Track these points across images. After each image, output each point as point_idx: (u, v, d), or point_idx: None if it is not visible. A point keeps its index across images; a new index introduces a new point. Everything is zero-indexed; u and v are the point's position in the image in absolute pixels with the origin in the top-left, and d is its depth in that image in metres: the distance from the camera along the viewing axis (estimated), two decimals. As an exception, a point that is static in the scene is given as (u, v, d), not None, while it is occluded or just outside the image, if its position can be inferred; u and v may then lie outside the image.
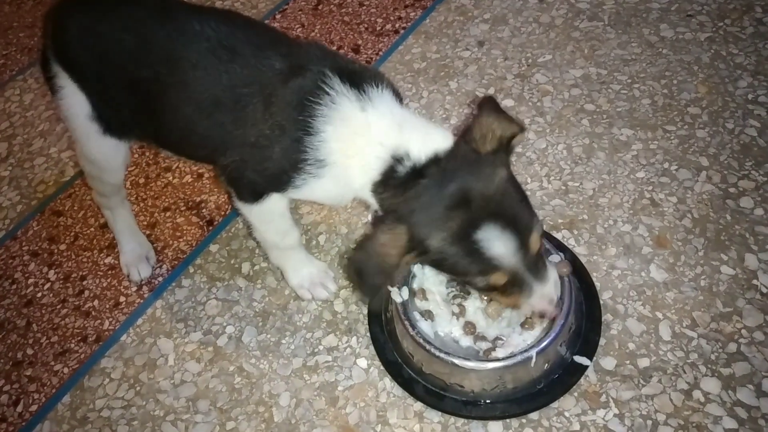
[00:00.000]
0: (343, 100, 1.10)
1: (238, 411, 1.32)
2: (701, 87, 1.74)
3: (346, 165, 1.12)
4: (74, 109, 1.28)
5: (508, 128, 1.07)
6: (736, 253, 1.41)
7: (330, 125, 1.10)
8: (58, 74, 1.26)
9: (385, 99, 1.12)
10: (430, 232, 1.03)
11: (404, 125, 1.10)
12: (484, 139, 1.06)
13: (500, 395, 1.23)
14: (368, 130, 1.10)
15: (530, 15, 2.03)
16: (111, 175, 1.42)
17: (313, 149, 1.11)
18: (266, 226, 1.33)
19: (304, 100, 1.10)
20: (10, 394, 1.41)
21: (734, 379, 1.24)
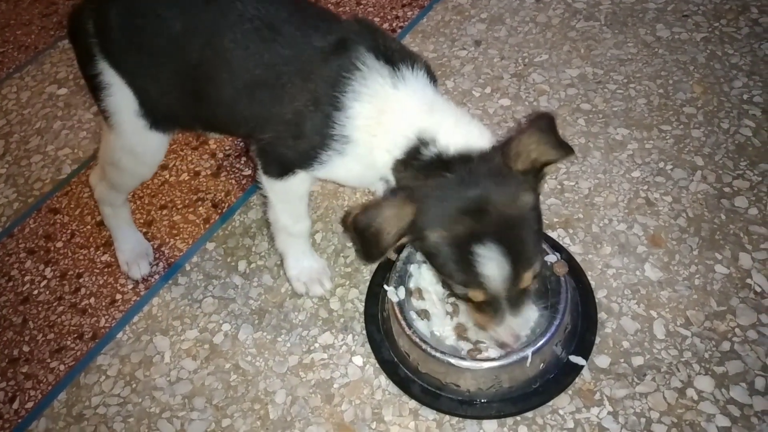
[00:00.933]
0: (375, 76, 1.11)
1: (234, 408, 1.32)
2: (697, 87, 1.75)
3: (370, 143, 1.12)
4: (122, 106, 1.28)
5: (546, 153, 1.03)
6: (730, 253, 1.42)
7: (358, 101, 1.11)
8: (103, 71, 1.25)
9: (419, 80, 1.13)
10: (433, 225, 1.03)
11: (435, 109, 1.11)
12: (518, 157, 1.03)
13: (496, 395, 1.24)
14: (396, 108, 1.10)
15: (527, 15, 2.03)
16: (148, 170, 1.43)
17: (340, 125, 1.12)
18: (283, 205, 1.34)
19: (338, 77, 1.11)
20: (6, 391, 1.41)
21: (727, 378, 1.25)
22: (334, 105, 1.12)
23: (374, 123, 1.11)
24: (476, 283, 1.04)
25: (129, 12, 1.23)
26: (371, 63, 1.11)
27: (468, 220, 1.01)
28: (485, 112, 1.78)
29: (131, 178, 1.45)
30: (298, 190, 1.29)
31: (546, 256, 1.32)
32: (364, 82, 1.11)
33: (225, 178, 1.74)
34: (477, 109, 1.79)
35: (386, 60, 1.12)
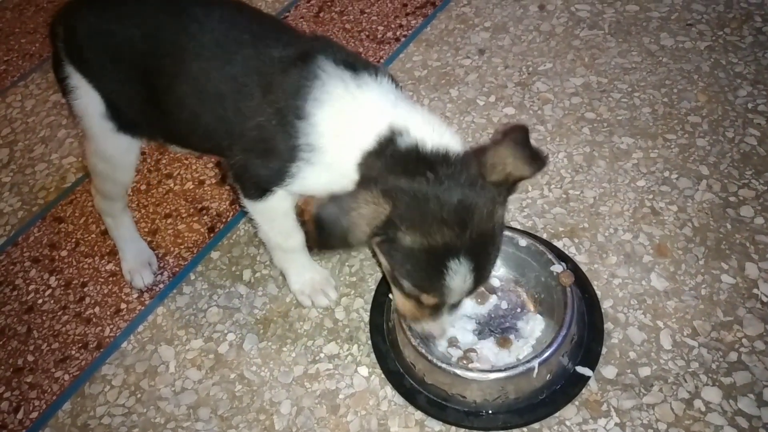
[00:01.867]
0: (336, 81, 1.10)
1: (239, 419, 1.32)
2: (701, 96, 1.75)
3: (335, 147, 1.10)
4: (88, 109, 1.29)
5: (520, 169, 1.02)
6: (736, 262, 1.42)
7: (320, 108, 1.09)
8: (71, 75, 1.27)
9: (382, 84, 1.12)
10: (410, 228, 0.98)
11: (400, 105, 1.10)
12: (493, 168, 1.01)
13: (502, 406, 1.23)
14: (360, 106, 1.09)
15: (531, 23, 2.04)
16: (123, 174, 1.42)
17: (306, 134, 1.10)
18: (270, 224, 1.33)
19: (299, 86, 1.11)
20: (11, 401, 1.41)
21: (735, 389, 1.24)
22: (296, 114, 1.11)
23: (338, 125, 1.10)
24: (435, 291, 1.05)
25: (94, 18, 1.25)
26: (331, 69, 1.11)
27: (448, 232, 0.98)
28: (489, 120, 1.78)
29: (112, 183, 1.45)
30: (281, 208, 1.28)
31: (552, 266, 1.32)
32: (324, 88, 1.09)
33: (229, 186, 1.74)
34: (481, 118, 1.79)
35: (346, 65, 1.11)
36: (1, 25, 2.42)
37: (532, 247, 1.36)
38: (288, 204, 1.28)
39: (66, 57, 1.27)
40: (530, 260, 1.36)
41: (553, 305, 1.31)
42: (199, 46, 1.17)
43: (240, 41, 1.17)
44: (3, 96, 2.13)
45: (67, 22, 1.27)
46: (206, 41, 1.17)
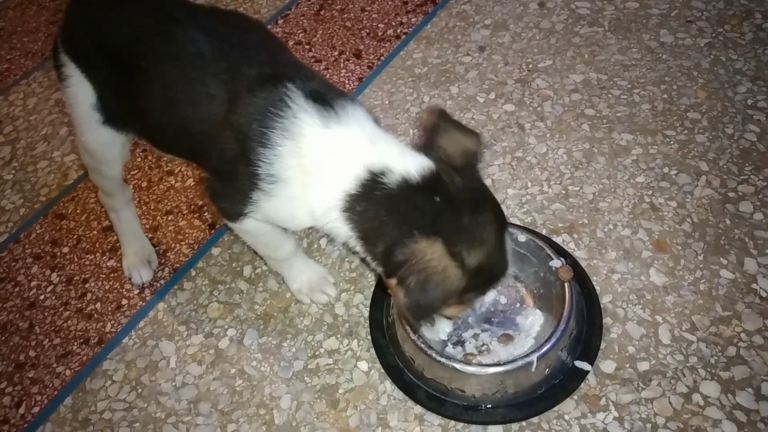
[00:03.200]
0: (305, 116, 1.06)
1: (239, 413, 1.32)
2: (701, 92, 1.75)
3: (303, 182, 1.08)
4: (79, 98, 1.30)
5: (471, 141, 1.09)
6: (735, 258, 1.42)
7: (288, 140, 1.06)
8: (65, 63, 1.28)
9: (355, 116, 1.09)
10: (471, 249, 1.01)
11: (377, 139, 1.08)
12: (452, 158, 1.07)
13: (501, 400, 1.24)
14: (332, 145, 1.06)
15: (531, 21, 2.04)
16: (108, 167, 1.42)
17: (267, 163, 1.07)
18: (254, 240, 1.33)
19: (266, 111, 1.07)
20: (13, 396, 1.42)
21: (734, 383, 1.24)
22: (260, 142, 1.07)
23: (307, 161, 1.06)
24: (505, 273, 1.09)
25: (91, 8, 1.26)
26: (300, 101, 1.06)
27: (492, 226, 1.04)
28: (489, 117, 1.78)
29: (100, 177, 1.46)
30: (261, 229, 1.25)
31: (551, 261, 1.32)
32: (295, 120, 1.05)
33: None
34: (481, 115, 1.79)
35: (315, 99, 1.07)
36: (4, 24, 2.43)
37: (530, 243, 1.36)
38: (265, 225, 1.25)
39: (61, 44, 1.28)
40: (529, 255, 1.36)
41: (552, 300, 1.31)
42: (178, 51, 1.15)
43: (218, 53, 1.13)
44: (5, 94, 2.14)
45: (67, 11, 1.29)
46: (186, 47, 1.15)
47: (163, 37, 1.18)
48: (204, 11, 1.24)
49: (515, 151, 1.69)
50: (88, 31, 1.25)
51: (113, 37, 1.22)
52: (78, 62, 1.27)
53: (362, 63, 2.00)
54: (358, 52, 2.04)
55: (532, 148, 1.69)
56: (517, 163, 1.66)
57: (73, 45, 1.27)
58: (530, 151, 1.69)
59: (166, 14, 1.20)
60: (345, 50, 2.06)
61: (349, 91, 1.93)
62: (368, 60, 2.01)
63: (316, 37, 2.12)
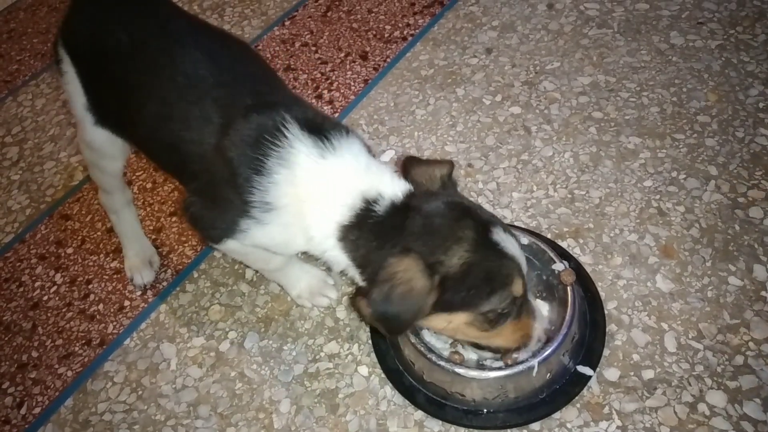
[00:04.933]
0: (300, 146, 1.07)
1: (239, 417, 1.32)
2: (711, 95, 1.72)
3: (299, 210, 1.08)
4: (74, 96, 1.31)
5: (441, 168, 1.12)
6: (744, 264, 1.39)
7: (285, 168, 1.06)
8: (63, 59, 1.29)
9: (350, 147, 1.10)
10: (449, 253, 1.00)
11: (371, 168, 1.09)
12: (430, 182, 1.11)
13: (502, 405, 1.22)
14: (330, 176, 1.07)
15: (539, 22, 2.02)
16: (108, 163, 1.43)
17: (262, 191, 1.07)
18: (243, 257, 1.32)
19: (260, 138, 1.07)
20: (14, 396, 1.42)
21: (741, 393, 1.22)
22: (254, 168, 1.06)
23: (303, 189, 1.07)
24: (513, 270, 1.04)
25: (93, 8, 1.26)
26: (296, 132, 1.07)
27: (468, 224, 1.02)
28: (495, 120, 1.77)
29: (100, 172, 1.46)
30: (245, 250, 1.22)
31: (553, 265, 1.30)
32: (292, 150, 1.06)
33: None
34: (487, 117, 1.77)
35: (311, 131, 1.08)
36: (14, 25, 2.45)
37: (533, 246, 1.34)
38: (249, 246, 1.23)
39: (61, 39, 1.29)
40: (532, 258, 1.34)
41: (554, 304, 1.29)
42: (177, 71, 1.15)
43: (218, 80, 1.14)
44: (14, 95, 2.16)
45: (70, 7, 1.30)
46: (185, 69, 1.15)
47: (164, 54, 1.17)
48: (208, 36, 1.23)
49: (521, 154, 1.67)
50: (88, 30, 1.25)
51: (113, 42, 1.22)
52: (73, 58, 1.28)
53: (368, 65, 1.99)
54: (364, 53, 2.03)
55: (539, 151, 1.67)
56: (522, 167, 1.64)
57: (71, 40, 1.28)
58: (536, 154, 1.67)
59: (170, 31, 1.20)
60: (351, 52, 2.05)
61: (355, 92, 1.92)
62: (374, 62, 2.00)
63: (323, 39, 2.11)
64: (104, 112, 1.30)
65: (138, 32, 1.21)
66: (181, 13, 1.30)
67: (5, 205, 1.82)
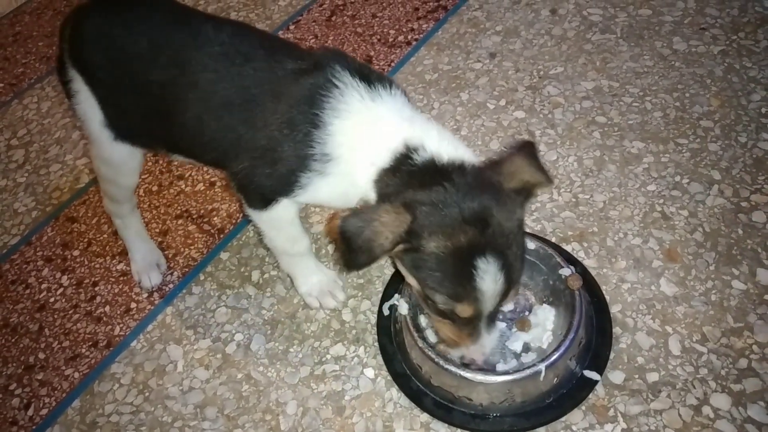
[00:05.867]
0: (352, 92, 1.11)
1: (246, 419, 1.32)
2: (714, 100, 1.74)
3: (351, 159, 1.11)
4: (88, 114, 1.31)
5: (536, 176, 1.05)
6: (747, 268, 1.40)
7: (338, 118, 1.10)
8: (73, 78, 1.28)
9: (396, 97, 1.13)
10: (433, 233, 0.98)
11: (415, 121, 1.11)
12: (511, 177, 1.04)
13: (509, 409, 1.23)
14: (377, 120, 1.10)
15: (542, 27, 2.03)
16: (126, 178, 1.43)
17: (321, 143, 1.11)
18: (276, 232, 1.33)
19: (314, 95, 1.11)
20: (22, 398, 1.43)
21: (745, 396, 1.23)
22: (312, 123, 1.10)
23: (356, 137, 1.10)
24: (469, 296, 1.01)
25: (101, 20, 1.25)
26: (347, 80, 1.11)
27: (471, 231, 0.98)
28: (499, 124, 1.78)
29: (116, 187, 1.46)
30: (286, 217, 1.27)
31: (560, 270, 1.31)
32: (342, 99, 1.10)
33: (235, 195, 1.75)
34: (491, 122, 1.79)
35: (362, 77, 1.12)
36: (20, 29, 2.46)
37: (540, 251, 1.35)
38: (293, 212, 1.28)
39: (69, 59, 1.28)
40: (539, 263, 1.35)
41: (561, 309, 1.30)
42: (207, 57, 1.18)
43: (250, 54, 1.17)
44: (20, 98, 2.16)
45: (74, 23, 1.28)
46: (215, 53, 1.18)
47: (189, 45, 1.19)
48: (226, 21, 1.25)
49: (525, 158, 1.68)
50: (99, 43, 1.24)
51: (130, 48, 1.22)
52: (86, 76, 1.27)
53: (373, 69, 2.00)
54: (368, 58, 2.05)
55: (543, 155, 1.68)
56: (527, 171, 1.65)
57: (82, 58, 1.27)
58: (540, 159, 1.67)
59: (189, 24, 1.21)
60: (356, 56, 2.06)
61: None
62: (379, 66, 2.01)
63: (328, 43, 2.13)
64: (126, 126, 1.30)
65: (156, 31, 1.22)
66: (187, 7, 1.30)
67: (11, 208, 1.83)
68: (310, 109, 1.11)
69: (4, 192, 1.87)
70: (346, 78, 1.11)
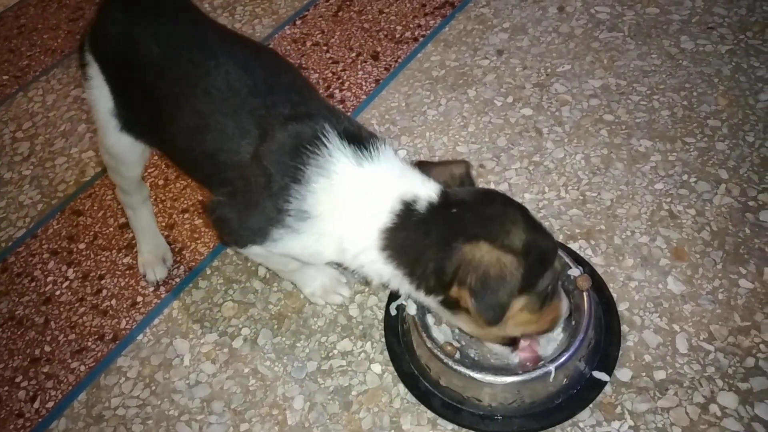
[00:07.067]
0: (339, 155, 1.08)
1: (252, 413, 1.32)
2: (721, 99, 1.74)
3: (334, 219, 1.09)
4: (99, 101, 1.31)
5: (459, 167, 1.15)
6: (755, 267, 1.40)
7: (323, 177, 1.07)
8: (89, 63, 1.29)
9: (385, 154, 1.11)
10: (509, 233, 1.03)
11: (404, 173, 1.11)
12: (451, 181, 1.13)
13: (518, 410, 1.22)
14: (369, 183, 1.08)
15: (550, 25, 2.03)
16: (128, 169, 1.43)
17: (299, 199, 1.08)
18: (263, 260, 1.33)
19: (299, 147, 1.08)
20: (28, 390, 1.43)
21: (752, 394, 1.23)
22: (293, 177, 1.07)
23: (341, 199, 1.08)
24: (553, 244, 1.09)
25: (123, 17, 1.26)
26: (335, 141, 1.08)
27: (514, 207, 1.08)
28: (507, 121, 1.78)
29: (120, 177, 1.47)
30: (267, 254, 1.22)
31: (569, 270, 1.31)
32: (331, 159, 1.07)
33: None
34: (498, 119, 1.78)
35: (349, 140, 1.09)
36: (25, 21, 2.46)
37: (548, 249, 1.35)
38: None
39: (88, 44, 1.29)
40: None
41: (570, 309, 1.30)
42: (211, 83, 1.16)
43: (251, 92, 1.14)
44: (25, 90, 2.16)
45: (99, 11, 1.29)
46: (219, 82, 1.15)
47: (197, 66, 1.17)
48: (240, 47, 1.22)
49: (532, 155, 1.68)
50: (118, 38, 1.24)
51: (143, 52, 1.21)
52: (102, 65, 1.28)
53: (380, 65, 2.00)
54: (375, 53, 2.04)
55: (550, 152, 1.68)
56: (534, 168, 1.65)
57: (100, 47, 1.27)
58: (548, 156, 1.68)
59: (201, 43, 1.19)
60: (362, 52, 2.06)
61: (366, 92, 1.93)
62: (386, 62, 2.01)
63: (334, 39, 2.12)
64: (133, 120, 1.31)
65: (169, 43, 1.20)
66: (209, 22, 1.29)
67: (17, 200, 1.82)
68: (292, 161, 1.07)
69: (9, 185, 1.87)
70: (333, 139, 1.08)
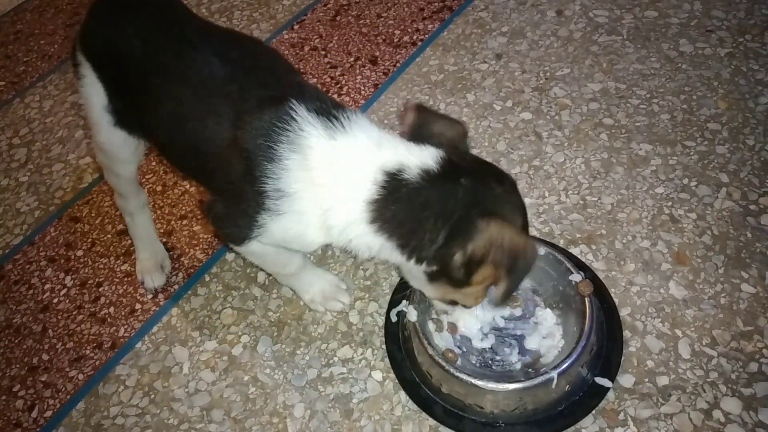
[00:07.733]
0: (310, 128, 1.06)
1: (252, 421, 1.31)
2: (721, 103, 1.73)
3: (314, 196, 1.07)
4: (92, 98, 1.31)
5: (455, 129, 1.12)
6: (756, 271, 1.40)
7: (295, 153, 1.05)
8: (81, 62, 1.30)
9: (359, 124, 1.09)
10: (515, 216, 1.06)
11: (383, 143, 1.08)
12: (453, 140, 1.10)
13: (520, 417, 1.22)
14: (343, 156, 1.06)
15: (548, 29, 2.03)
16: (121, 167, 1.43)
17: (274, 178, 1.06)
18: (262, 260, 1.32)
19: (271, 126, 1.06)
20: (26, 400, 1.42)
21: (755, 400, 1.22)
22: (266, 157, 1.06)
23: (317, 173, 1.06)
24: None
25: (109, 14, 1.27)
26: (304, 114, 1.06)
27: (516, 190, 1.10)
28: (506, 125, 1.77)
29: (114, 176, 1.46)
30: (267, 248, 1.22)
31: (570, 276, 1.30)
32: (302, 133, 1.05)
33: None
34: (498, 123, 1.78)
35: (319, 113, 1.07)
36: (21, 27, 2.45)
37: (549, 256, 1.34)
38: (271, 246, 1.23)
39: (79, 44, 1.30)
40: (548, 269, 1.34)
41: (571, 315, 1.29)
42: (190, 71, 1.15)
43: (229, 76, 1.13)
44: (21, 96, 2.15)
45: (89, 11, 1.30)
46: (197, 69, 1.15)
47: (176, 56, 1.17)
48: (219, 35, 1.23)
49: (532, 159, 1.68)
50: (103, 35, 1.26)
51: (126, 47, 1.22)
52: (92, 62, 1.28)
53: (378, 69, 1.99)
54: (374, 58, 2.04)
55: (550, 157, 1.68)
56: (534, 172, 1.65)
57: (89, 45, 1.29)
58: (547, 160, 1.67)
59: (180, 34, 1.19)
60: (361, 56, 2.05)
61: (365, 97, 1.92)
62: (384, 66, 2.00)
63: (332, 43, 2.12)
64: (125, 113, 1.31)
65: (150, 37, 1.21)
66: (192, 17, 1.30)
67: (14, 207, 1.81)
68: (265, 141, 1.06)
69: (6, 191, 1.86)
70: (302, 112, 1.07)
